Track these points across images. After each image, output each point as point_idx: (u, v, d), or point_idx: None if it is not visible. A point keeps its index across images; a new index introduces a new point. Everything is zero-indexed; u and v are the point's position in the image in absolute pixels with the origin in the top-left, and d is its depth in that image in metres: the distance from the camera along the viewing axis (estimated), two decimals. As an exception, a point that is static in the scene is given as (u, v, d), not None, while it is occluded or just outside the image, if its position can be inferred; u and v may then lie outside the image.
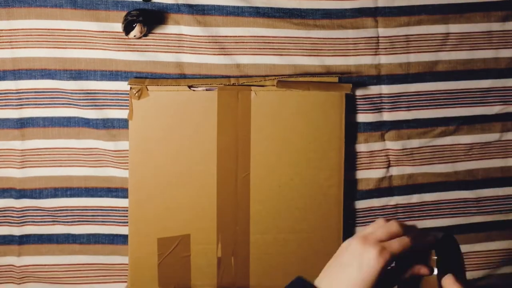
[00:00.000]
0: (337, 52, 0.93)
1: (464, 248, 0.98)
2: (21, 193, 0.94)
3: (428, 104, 0.96)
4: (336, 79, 0.92)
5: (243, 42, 0.92)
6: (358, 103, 0.94)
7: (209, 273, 0.92)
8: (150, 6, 0.91)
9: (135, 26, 0.86)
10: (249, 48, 0.92)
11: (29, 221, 0.94)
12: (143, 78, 0.91)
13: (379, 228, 0.58)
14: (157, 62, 0.92)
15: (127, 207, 0.92)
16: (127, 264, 0.92)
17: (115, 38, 0.91)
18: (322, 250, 0.93)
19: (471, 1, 0.94)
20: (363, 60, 0.94)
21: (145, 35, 0.90)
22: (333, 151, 0.92)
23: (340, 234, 0.93)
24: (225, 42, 0.92)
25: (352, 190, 0.96)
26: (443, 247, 0.61)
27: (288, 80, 0.90)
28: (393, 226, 0.58)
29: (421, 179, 0.97)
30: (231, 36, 0.92)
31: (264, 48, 0.92)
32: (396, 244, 0.56)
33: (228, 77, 0.92)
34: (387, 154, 0.97)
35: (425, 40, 0.95)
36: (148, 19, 0.89)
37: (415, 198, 0.97)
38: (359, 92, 0.94)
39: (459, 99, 0.97)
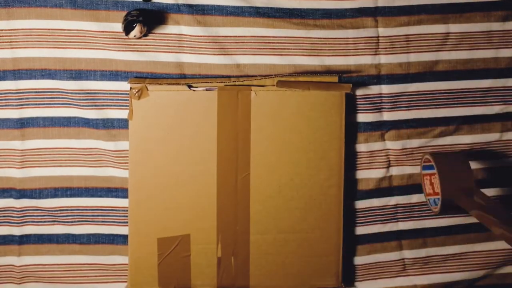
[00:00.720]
0: (337, 52, 0.93)
1: (464, 248, 0.98)
2: (21, 193, 0.94)
3: (428, 104, 0.96)
4: (336, 78, 0.92)
5: (243, 42, 0.92)
6: (358, 103, 0.94)
7: (209, 273, 0.92)
8: (150, 6, 0.91)
9: (135, 26, 0.86)
10: (249, 48, 0.92)
11: (29, 221, 0.94)
12: (143, 78, 0.91)
13: None
14: (157, 62, 0.92)
15: (127, 207, 0.92)
16: (127, 264, 0.92)
17: (115, 38, 0.91)
18: (322, 250, 0.93)
19: (471, 1, 0.94)
20: (363, 60, 0.94)
21: (145, 35, 0.90)
22: (333, 151, 0.92)
23: (340, 234, 0.93)
24: (225, 42, 0.92)
25: (352, 190, 0.96)
26: None
27: (288, 80, 0.90)
28: None
29: (421, 179, 0.97)
30: (231, 36, 0.92)
31: (264, 48, 0.92)
32: None
33: (229, 77, 0.92)
34: (387, 154, 0.96)
35: (425, 39, 0.95)
36: (148, 19, 0.89)
37: (415, 198, 0.97)
38: (359, 92, 0.94)
39: (459, 99, 0.97)
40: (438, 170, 0.87)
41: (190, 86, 0.89)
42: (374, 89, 0.94)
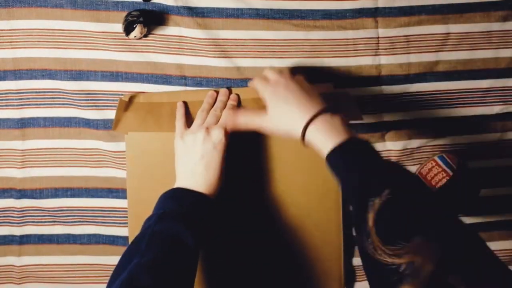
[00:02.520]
0: (337, 53, 0.93)
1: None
2: (22, 193, 0.94)
3: (428, 104, 0.96)
4: (331, 87, 0.89)
5: (243, 45, 0.92)
6: (358, 103, 0.94)
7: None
8: (150, 6, 0.91)
9: (136, 26, 0.86)
10: (249, 51, 0.92)
11: (29, 221, 0.95)
12: (136, 93, 0.90)
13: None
14: (158, 63, 0.91)
15: (127, 208, 0.92)
16: (127, 264, 0.92)
17: (115, 38, 0.91)
18: (323, 255, 0.92)
19: (471, 1, 0.94)
20: (363, 61, 0.93)
21: (146, 35, 0.90)
22: None
23: (340, 238, 0.92)
24: (225, 45, 0.91)
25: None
26: None
27: None
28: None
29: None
30: (231, 39, 0.91)
31: (264, 51, 0.92)
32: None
33: (228, 79, 0.92)
34: (388, 154, 0.96)
35: (425, 40, 0.94)
36: (149, 20, 0.89)
37: (415, 199, 0.97)
38: (359, 93, 0.94)
39: (459, 99, 0.97)
40: (453, 176, 0.87)
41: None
42: (374, 90, 0.94)
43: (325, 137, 0.68)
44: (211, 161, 0.79)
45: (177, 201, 0.76)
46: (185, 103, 0.88)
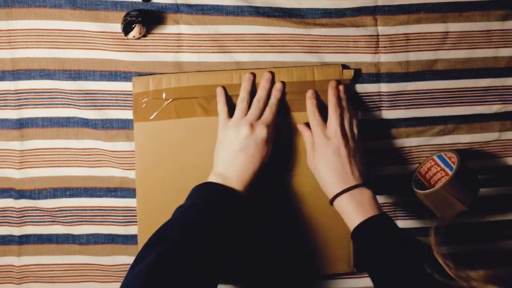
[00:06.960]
0: (336, 49, 0.93)
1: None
2: (20, 194, 0.94)
3: (427, 102, 0.96)
4: (339, 68, 0.91)
5: (243, 40, 0.92)
6: (357, 101, 0.94)
7: None
8: (149, 6, 0.91)
9: (134, 26, 0.86)
10: (248, 46, 0.92)
11: (28, 222, 0.94)
12: (147, 76, 0.90)
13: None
14: (157, 62, 0.91)
15: (126, 207, 0.92)
16: (127, 264, 0.92)
17: (114, 38, 0.91)
18: (332, 237, 0.92)
19: (471, 0, 0.94)
20: (363, 58, 0.93)
21: (144, 35, 0.90)
22: None
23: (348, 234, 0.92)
24: (224, 40, 0.91)
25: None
26: None
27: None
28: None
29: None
30: (230, 34, 0.91)
31: (263, 46, 0.92)
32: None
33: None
34: (387, 153, 0.96)
35: (424, 38, 0.95)
36: (147, 20, 0.89)
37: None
38: (358, 90, 0.94)
39: (458, 98, 0.97)
40: (454, 175, 0.86)
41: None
42: (373, 88, 0.94)
43: (352, 211, 0.76)
44: (251, 156, 0.81)
45: (212, 202, 0.78)
46: (224, 88, 0.88)
